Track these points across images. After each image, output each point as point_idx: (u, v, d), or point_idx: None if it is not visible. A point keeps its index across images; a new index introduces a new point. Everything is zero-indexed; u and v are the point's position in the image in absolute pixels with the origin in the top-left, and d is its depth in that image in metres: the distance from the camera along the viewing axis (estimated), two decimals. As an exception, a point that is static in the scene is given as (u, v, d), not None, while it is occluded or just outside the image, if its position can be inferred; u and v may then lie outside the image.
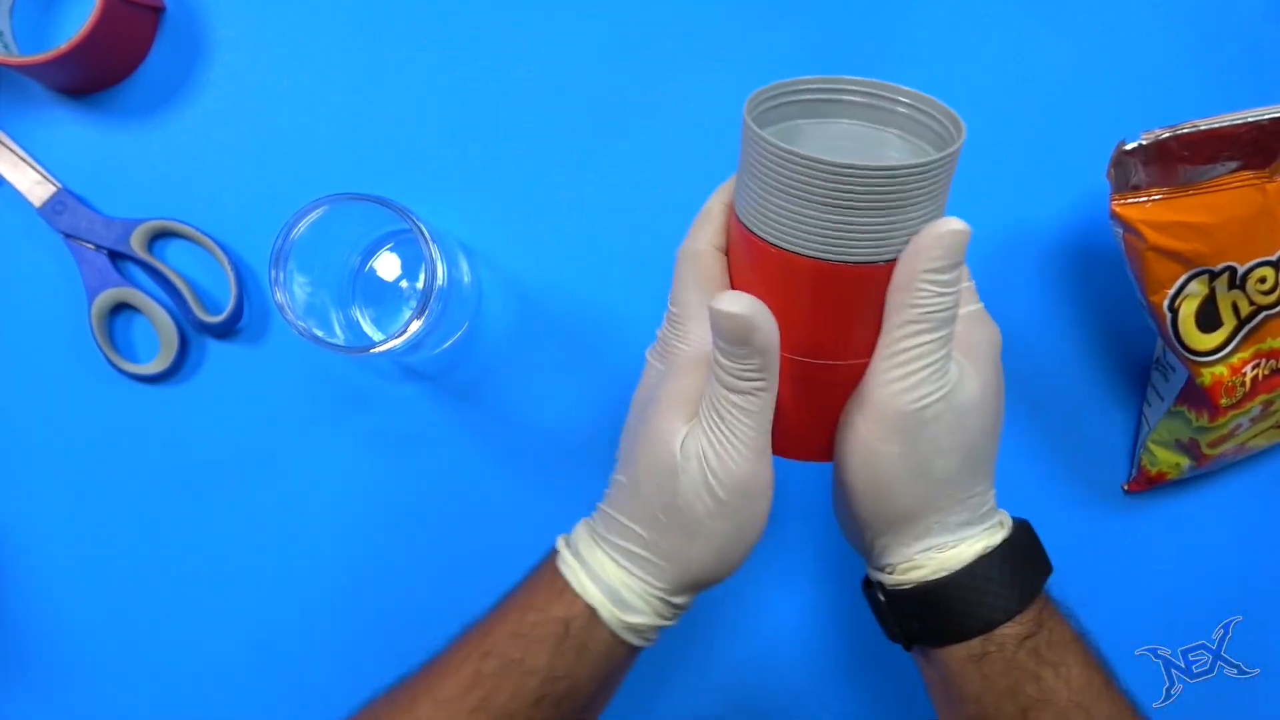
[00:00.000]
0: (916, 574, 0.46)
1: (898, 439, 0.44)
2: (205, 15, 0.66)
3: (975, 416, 0.45)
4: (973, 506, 0.46)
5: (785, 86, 0.44)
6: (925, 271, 0.41)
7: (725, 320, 0.40)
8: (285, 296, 0.56)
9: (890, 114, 0.44)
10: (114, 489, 0.66)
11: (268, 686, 0.67)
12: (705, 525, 0.44)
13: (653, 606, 0.46)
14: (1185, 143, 0.55)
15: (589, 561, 0.47)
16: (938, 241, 0.40)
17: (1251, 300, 0.57)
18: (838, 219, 0.39)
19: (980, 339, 0.47)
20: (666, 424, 0.45)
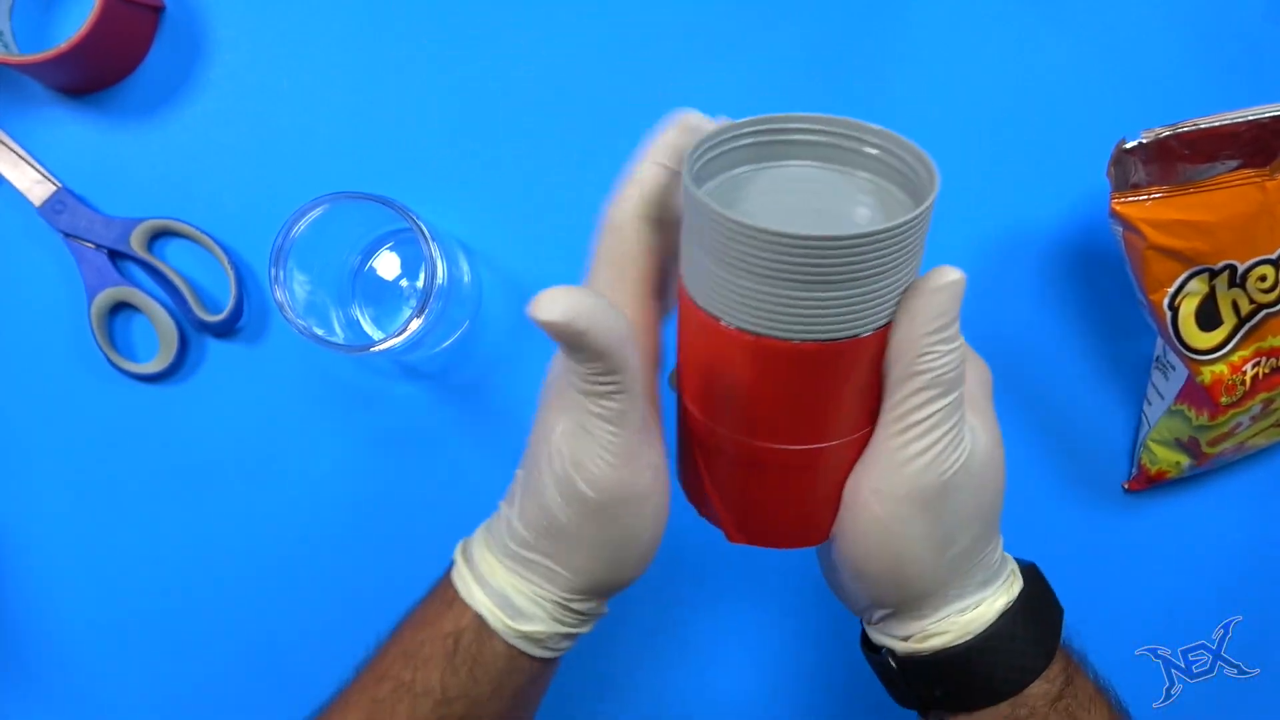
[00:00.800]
0: (936, 641, 0.43)
1: (921, 517, 0.39)
2: (205, 15, 0.66)
3: (991, 474, 0.41)
4: (987, 564, 0.43)
5: (731, 130, 0.37)
6: (927, 335, 0.36)
7: (547, 329, 0.35)
8: (285, 295, 0.56)
9: (857, 155, 0.38)
10: (114, 489, 0.66)
11: (267, 686, 0.67)
12: (581, 532, 0.41)
13: (549, 612, 0.43)
14: (1185, 141, 0.55)
15: (479, 566, 0.44)
16: (936, 299, 0.36)
17: (1251, 298, 0.57)
18: (798, 295, 0.34)
19: (974, 384, 0.43)
20: (549, 417, 0.41)
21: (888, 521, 0.40)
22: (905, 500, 0.39)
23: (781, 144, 0.38)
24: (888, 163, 0.37)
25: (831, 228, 0.33)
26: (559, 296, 0.34)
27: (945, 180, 0.67)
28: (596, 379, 0.37)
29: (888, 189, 0.38)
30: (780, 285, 0.34)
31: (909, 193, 0.37)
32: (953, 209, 0.66)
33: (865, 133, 0.37)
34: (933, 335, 0.36)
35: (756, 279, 0.34)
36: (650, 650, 0.67)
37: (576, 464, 0.39)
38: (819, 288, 0.34)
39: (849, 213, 0.37)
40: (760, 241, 0.33)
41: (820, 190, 0.38)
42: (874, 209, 0.37)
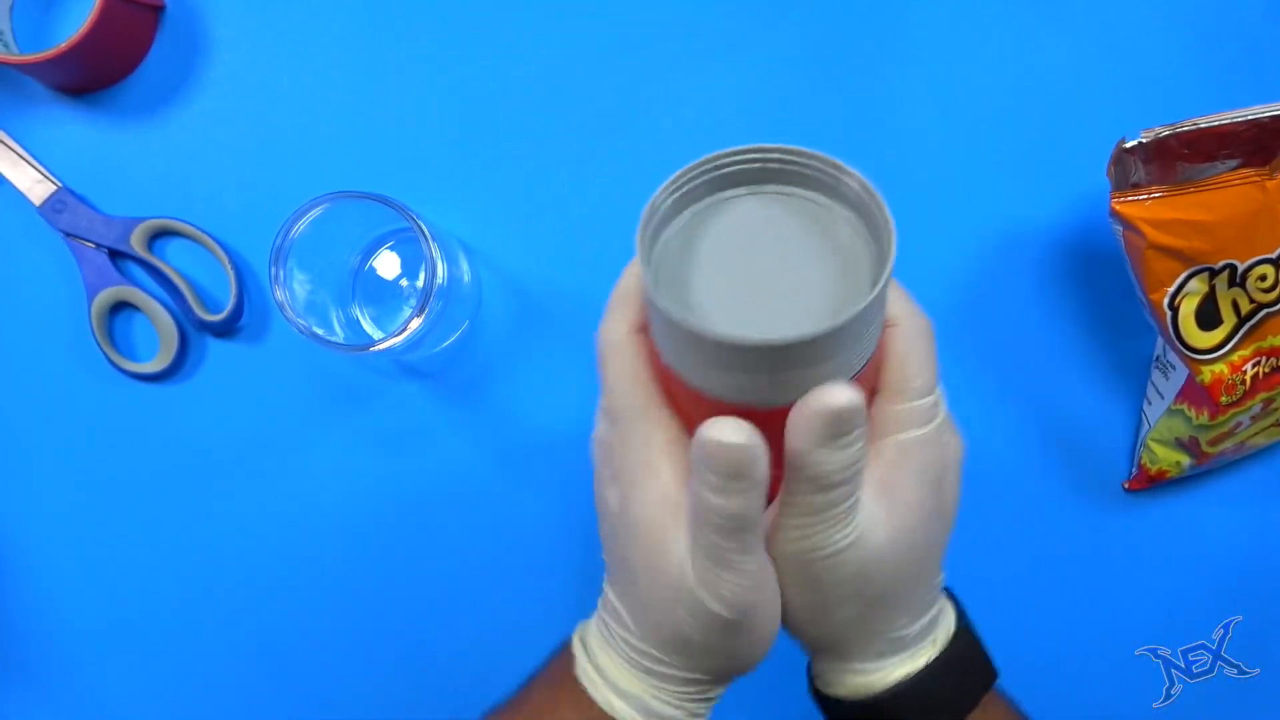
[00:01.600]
0: (836, 690, 0.45)
1: (793, 582, 0.41)
2: (205, 15, 0.66)
3: (882, 566, 0.40)
4: (890, 640, 0.43)
5: (676, 183, 0.38)
6: (805, 451, 0.36)
7: (724, 453, 0.34)
8: (285, 295, 0.57)
9: (825, 184, 0.38)
10: (114, 488, 0.66)
11: (267, 685, 0.67)
12: (713, 643, 0.41)
13: (689, 710, 0.44)
14: (1185, 141, 0.55)
15: (609, 674, 0.43)
16: (811, 421, 0.35)
17: (1252, 298, 0.57)
18: (756, 380, 0.35)
19: (910, 473, 0.41)
20: (659, 551, 0.40)
21: (786, 587, 0.41)
22: (779, 562, 0.40)
23: (736, 174, 0.38)
24: (851, 197, 0.37)
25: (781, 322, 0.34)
26: (737, 424, 0.34)
27: (946, 180, 0.67)
28: (748, 508, 0.36)
29: (850, 223, 0.37)
30: (735, 373, 0.34)
31: (867, 224, 0.36)
32: (953, 209, 0.66)
33: (837, 170, 0.37)
34: (809, 450, 0.36)
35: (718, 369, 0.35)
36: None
37: (720, 597, 0.39)
38: (770, 375, 0.34)
39: (808, 279, 0.36)
40: (709, 344, 0.33)
41: (780, 236, 0.37)
42: (835, 266, 0.36)
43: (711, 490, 0.35)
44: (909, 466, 0.41)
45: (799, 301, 0.35)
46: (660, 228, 0.37)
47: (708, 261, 0.37)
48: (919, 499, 0.41)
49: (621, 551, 0.42)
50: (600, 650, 0.44)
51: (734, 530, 0.37)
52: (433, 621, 0.67)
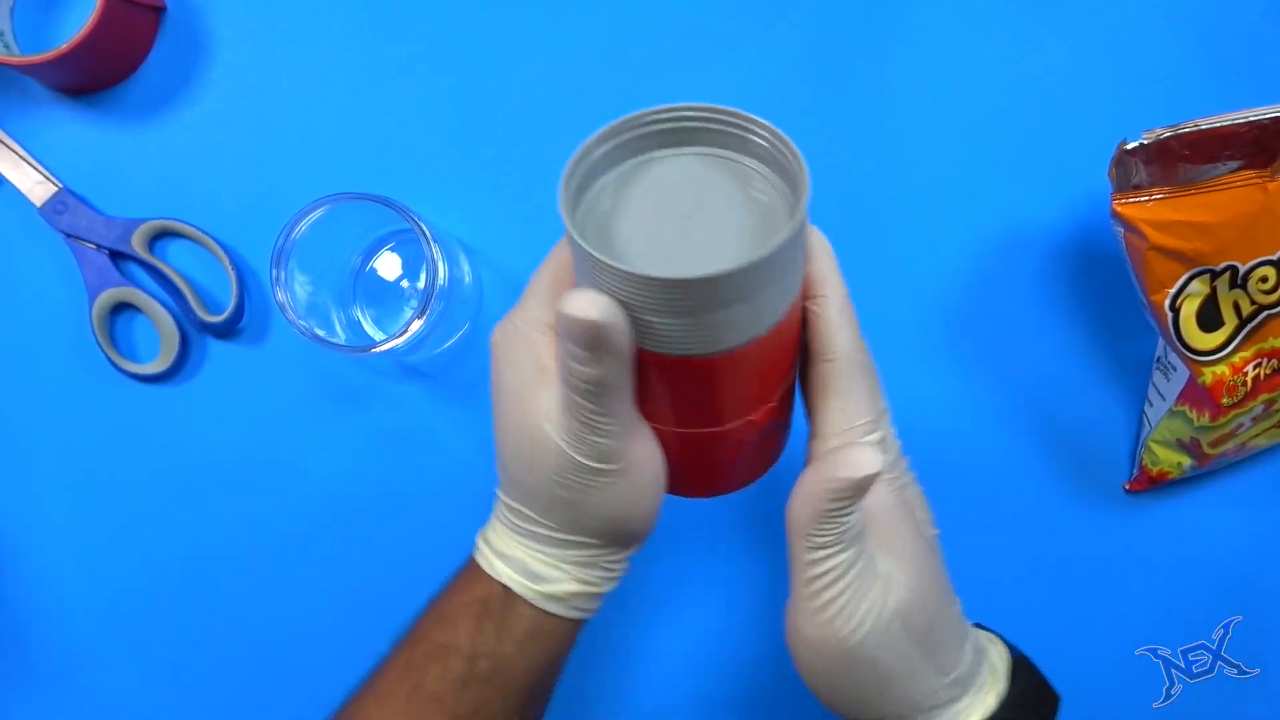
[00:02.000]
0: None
1: (841, 672, 0.41)
2: (205, 15, 0.66)
3: (917, 613, 0.41)
4: (955, 678, 0.43)
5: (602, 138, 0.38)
6: (822, 516, 0.38)
7: (582, 327, 0.35)
8: (286, 296, 0.57)
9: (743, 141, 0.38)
10: (114, 489, 0.66)
11: (267, 685, 0.67)
12: (589, 501, 0.42)
13: (570, 574, 0.45)
14: (1186, 142, 0.55)
15: (498, 545, 0.46)
16: (830, 492, 0.37)
17: (1253, 299, 0.57)
18: (679, 322, 0.35)
19: (893, 516, 0.42)
20: (526, 409, 0.42)
21: (817, 667, 0.42)
22: (822, 657, 0.41)
23: (658, 134, 0.38)
24: (770, 153, 0.37)
25: (696, 260, 0.35)
26: (592, 297, 0.35)
27: (947, 181, 0.67)
28: (606, 377, 0.37)
29: (773, 181, 0.38)
30: (655, 315, 0.35)
31: (786, 180, 0.37)
32: (953, 209, 0.66)
33: (749, 122, 0.37)
34: (827, 515, 0.38)
35: (636, 310, 0.36)
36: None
37: (583, 446, 0.40)
38: (690, 315, 0.35)
39: (726, 228, 0.37)
40: (629, 281, 0.34)
41: (701, 192, 0.38)
42: (751, 213, 0.37)
43: (573, 359, 0.37)
44: (892, 509, 0.43)
45: (717, 248, 0.37)
46: (584, 186, 0.38)
47: (630, 216, 0.38)
48: (911, 529, 0.42)
49: (494, 416, 0.44)
50: (495, 533, 0.47)
51: (596, 394, 0.38)
52: (434, 622, 0.67)
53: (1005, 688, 0.44)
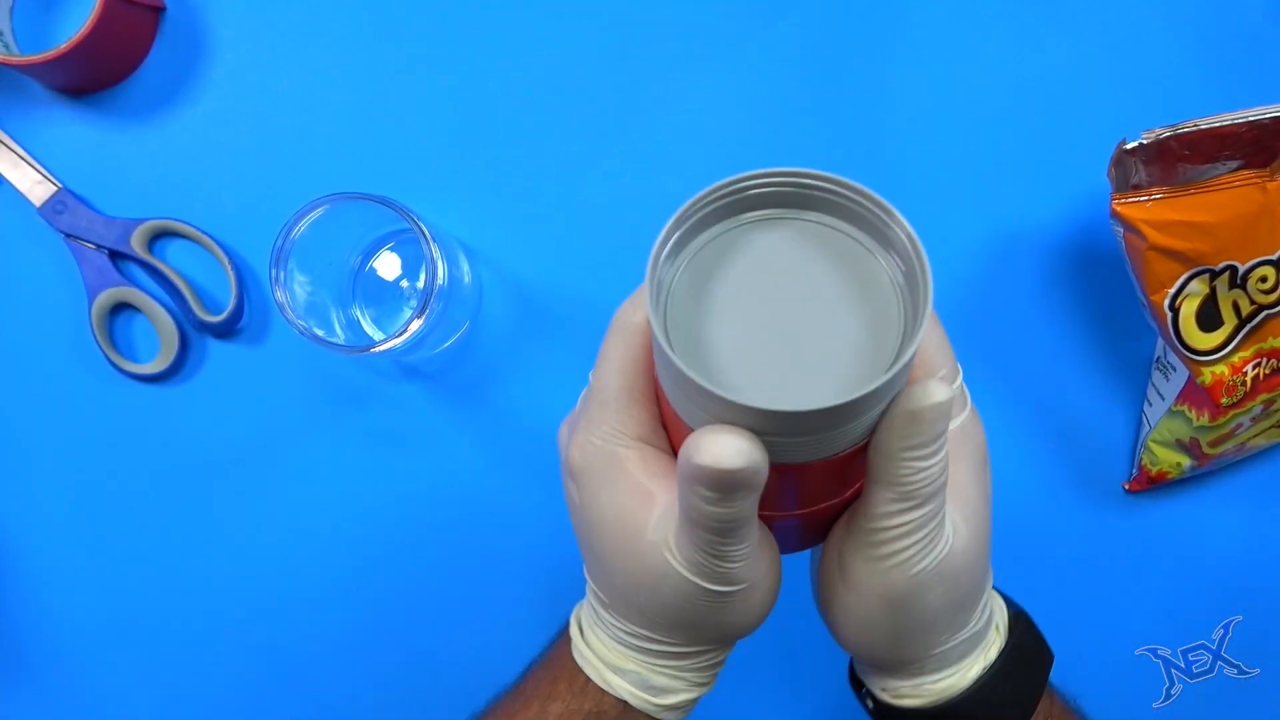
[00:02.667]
0: (910, 702, 0.43)
1: (888, 615, 0.39)
2: (205, 15, 0.66)
3: (969, 568, 0.40)
4: (966, 638, 0.42)
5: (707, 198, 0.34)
6: (904, 452, 0.35)
7: (717, 476, 0.32)
8: (286, 296, 0.57)
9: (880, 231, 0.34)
10: (114, 489, 0.66)
11: (267, 685, 0.67)
12: (714, 620, 0.40)
13: (689, 681, 0.43)
14: (1186, 142, 0.55)
15: (603, 654, 0.43)
16: (914, 420, 0.34)
17: (1252, 299, 0.57)
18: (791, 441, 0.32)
19: (965, 467, 0.41)
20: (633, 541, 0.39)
21: (860, 613, 0.40)
22: (876, 598, 0.39)
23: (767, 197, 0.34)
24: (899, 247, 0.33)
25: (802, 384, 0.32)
26: (732, 442, 0.31)
27: (946, 181, 0.67)
28: (740, 514, 0.34)
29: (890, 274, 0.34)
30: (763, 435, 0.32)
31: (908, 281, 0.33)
32: (953, 209, 0.66)
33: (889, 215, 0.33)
34: (909, 453, 0.35)
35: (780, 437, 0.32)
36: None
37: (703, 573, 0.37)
38: (803, 435, 0.32)
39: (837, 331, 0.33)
40: (727, 406, 0.30)
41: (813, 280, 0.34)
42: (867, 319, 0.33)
43: (705, 501, 0.33)
44: (964, 460, 0.41)
45: (824, 359, 0.33)
46: (676, 251, 0.34)
47: (727, 297, 0.33)
48: (980, 490, 0.41)
49: (593, 543, 0.41)
50: (591, 630, 0.44)
51: (729, 530, 0.35)
52: (434, 621, 0.67)
53: (1003, 643, 0.44)
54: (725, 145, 0.67)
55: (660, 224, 0.34)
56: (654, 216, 0.66)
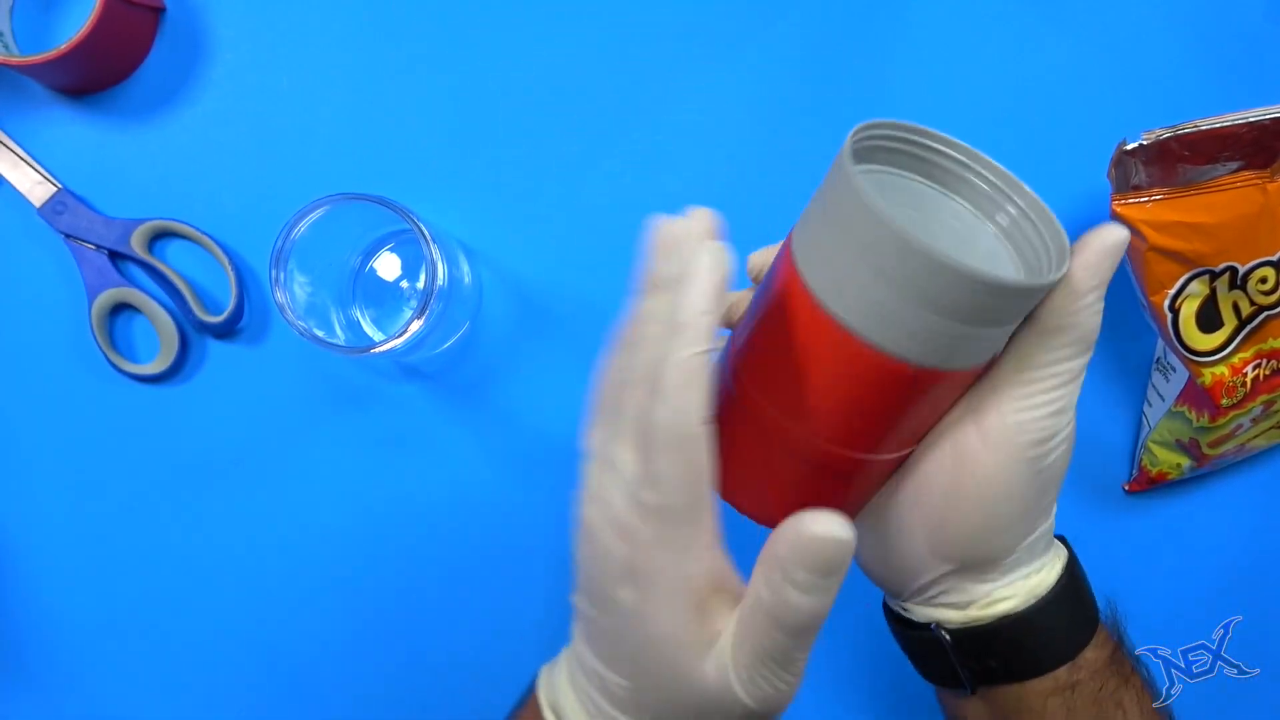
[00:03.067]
0: (1003, 606, 0.42)
1: (1027, 470, 0.39)
2: (205, 15, 0.66)
3: (1067, 453, 0.41)
4: (1049, 530, 0.43)
5: (890, 129, 0.38)
6: (1090, 291, 0.36)
7: (826, 548, 0.32)
8: (286, 296, 0.56)
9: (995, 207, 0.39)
10: (114, 489, 0.66)
11: (267, 686, 0.67)
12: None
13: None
14: (1186, 143, 0.55)
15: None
16: (1108, 254, 0.36)
17: (1252, 300, 0.57)
18: (954, 328, 0.34)
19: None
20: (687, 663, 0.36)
21: (994, 470, 0.39)
22: (1017, 451, 0.38)
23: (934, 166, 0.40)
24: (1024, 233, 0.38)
25: (1012, 274, 0.36)
26: (832, 517, 0.33)
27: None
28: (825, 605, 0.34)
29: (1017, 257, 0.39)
30: (946, 318, 0.34)
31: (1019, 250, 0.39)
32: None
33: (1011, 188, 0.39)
34: (1093, 293, 0.36)
35: (924, 308, 0.33)
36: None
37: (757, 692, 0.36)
38: (981, 325, 0.34)
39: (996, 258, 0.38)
40: (947, 276, 0.32)
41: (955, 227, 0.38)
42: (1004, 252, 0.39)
43: (799, 588, 0.33)
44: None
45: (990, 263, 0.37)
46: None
47: (902, 214, 0.34)
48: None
49: (634, 654, 0.37)
50: (566, 701, 0.40)
51: (808, 629, 0.34)
52: (433, 621, 0.67)
53: (1068, 555, 0.44)
54: (725, 145, 0.67)
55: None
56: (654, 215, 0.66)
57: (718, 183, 0.66)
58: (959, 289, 0.32)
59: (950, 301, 0.33)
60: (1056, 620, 0.42)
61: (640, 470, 0.36)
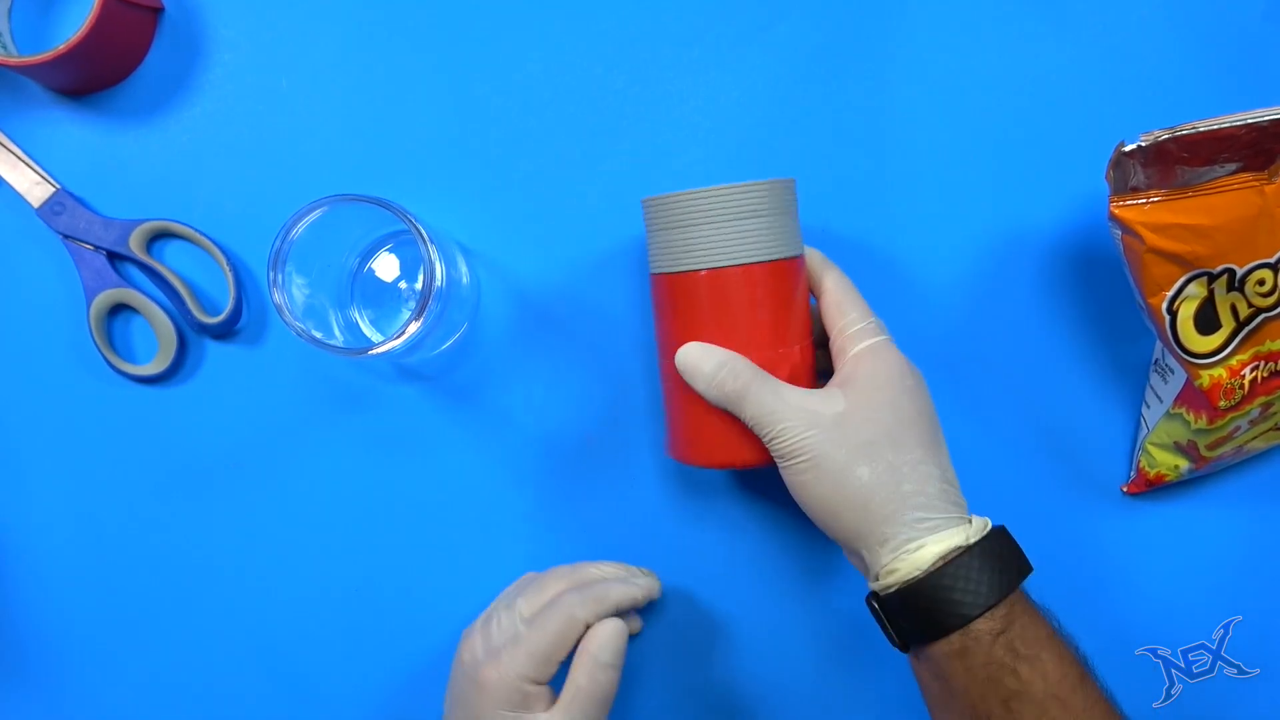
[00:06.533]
0: (893, 577, 0.52)
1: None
2: (205, 15, 0.66)
3: (858, 426, 0.53)
4: (925, 507, 0.52)
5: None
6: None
7: (618, 637, 0.55)
8: (284, 298, 0.56)
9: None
10: (112, 489, 0.66)
11: (266, 686, 0.67)
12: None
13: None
14: (1184, 144, 0.55)
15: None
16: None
17: (1250, 302, 0.57)
18: (724, 230, 0.54)
19: (866, 372, 0.55)
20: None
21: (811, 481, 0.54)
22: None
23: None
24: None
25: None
26: (615, 622, 0.57)
27: (945, 183, 0.68)
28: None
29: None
30: (681, 230, 0.55)
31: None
32: (952, 211, 0.66)
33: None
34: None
35: (667, 231, 0.55)
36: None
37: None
38: (722, 224, 0.54)
39: None
40: (658, 205, 0.56)
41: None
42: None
43: (607, 669, 0.56)
44: (863, 368, 0.55)
45: None
46: None
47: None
48: (874, 386, 0.54)
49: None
50: None
51: (611, 699, 0.56)
52: (433, 621, 0.67)
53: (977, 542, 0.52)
54: (725, 145, 0.66)
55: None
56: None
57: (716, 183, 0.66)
58: (668, 209, 0.55)
59: (669, 220, 0.55)
60: (944, 590, 0.51)
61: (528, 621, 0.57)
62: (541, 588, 0.59)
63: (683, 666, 0.68)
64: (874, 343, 0.56)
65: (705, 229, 0.54)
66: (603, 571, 0.62)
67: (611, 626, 0.56)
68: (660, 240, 0.56)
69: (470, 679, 0.57)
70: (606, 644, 0.55)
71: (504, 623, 0.58)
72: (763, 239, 0.54)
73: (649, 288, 0.59)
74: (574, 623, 0.56)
